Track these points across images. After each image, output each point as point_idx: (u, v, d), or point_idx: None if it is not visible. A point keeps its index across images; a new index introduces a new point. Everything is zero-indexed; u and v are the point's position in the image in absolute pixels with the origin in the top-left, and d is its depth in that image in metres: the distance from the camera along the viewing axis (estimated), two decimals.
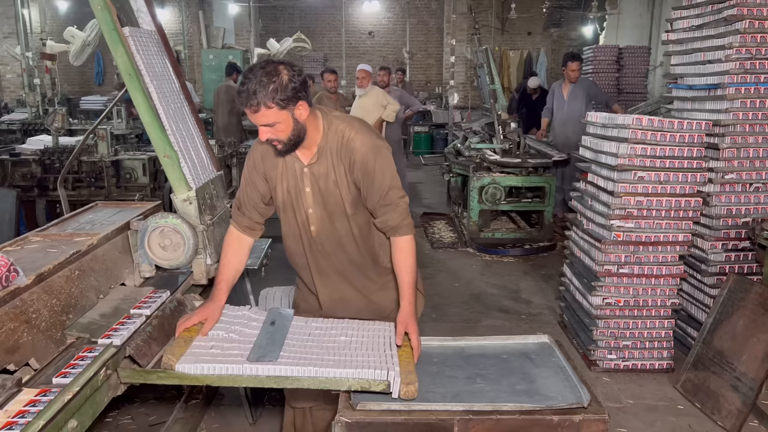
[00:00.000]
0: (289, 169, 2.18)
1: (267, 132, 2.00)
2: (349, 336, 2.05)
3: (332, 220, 2.21)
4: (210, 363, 1.81)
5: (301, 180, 2.17)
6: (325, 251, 2.26)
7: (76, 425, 1.58)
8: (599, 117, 3.89)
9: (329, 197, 2.17)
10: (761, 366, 3.13)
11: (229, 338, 2.00)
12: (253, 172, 2.23)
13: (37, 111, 8.27)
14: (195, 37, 13.47)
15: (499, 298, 5.06)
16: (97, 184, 5.52)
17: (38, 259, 2.04)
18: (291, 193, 2.20)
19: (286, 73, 1.95)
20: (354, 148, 2.10)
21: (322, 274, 2.31)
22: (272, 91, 1.92)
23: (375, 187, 2.11)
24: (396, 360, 1.85)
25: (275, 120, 1.97)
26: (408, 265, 2.15)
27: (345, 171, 2.13)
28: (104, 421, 3.11)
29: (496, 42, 14.83)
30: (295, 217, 2.23)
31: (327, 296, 2.33)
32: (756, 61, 3.50)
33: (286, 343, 1.98)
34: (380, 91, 7.03)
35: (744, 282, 3.45)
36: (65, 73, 14.09)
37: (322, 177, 2.15)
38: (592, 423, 1.67)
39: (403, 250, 2.16)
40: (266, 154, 2.19)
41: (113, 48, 2.33)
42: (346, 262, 2.28)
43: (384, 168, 2.12)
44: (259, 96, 1.91)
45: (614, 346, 3.72)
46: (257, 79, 1.91)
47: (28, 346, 1.71)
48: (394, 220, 2.14)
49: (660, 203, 3.53)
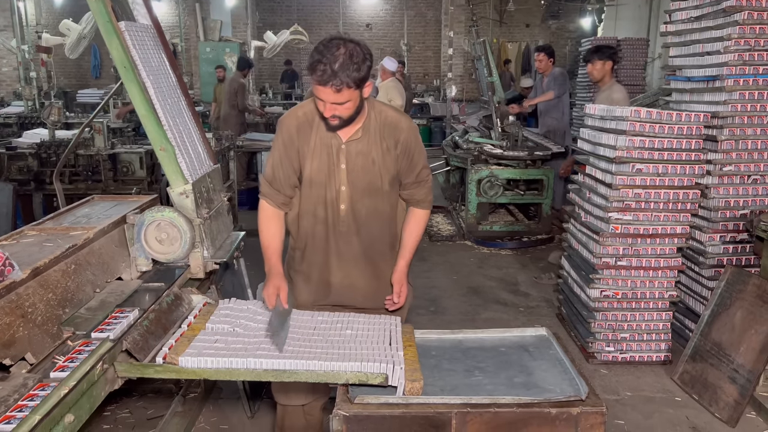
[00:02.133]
0: (324, 145, 2.20)
1: (335, 109, 2.04)
2: (354, 330, 2.05)
3: (364, 198, 2.24)
4: (213, 357, 1.80)
5: (337, 156, 2.20)
6: (349, 232, 2.28)
7: (73, 419, 1.57)
8: (597, 109, 3.87)
9: (366, 174, 2.22)
10: (759, 357, 3.13)
11: (234, 332, 1.99)
12: (289, 146, 2.23)
13: (34, 104, 8.23)
14: (192, 30, 13.40)
15: (497, 290, 5.06)
16: (94, 177, 5.49)
17: (34, 253, 2.03)
18: (323, 170, 2.22)
19: (363, 53, 2.01)
20: (401, 128, 2.22)
21: (340, 257, 2.31)
22: (355, 71, 1.98)
23: (413, 166, 2.28)
24: (400, 355, 1.84)
25: (349, 98, 2.02)
26: (417, 233, 2.37)
27: (387, 148, 2.21)
28: (102, 414, 3.11)
29: (494, 34, 14.81)
30: (325, 194, 2.24)
31: (339, 281, 2.34)
32: (755, 52, 3.49)
33: (290, 337, 1.97)
34: (392, 84, 7.12)
35: (742, 274, 3.45)
36: (61, 66, 14.04)
37: (361, 154, 2.20)
38: (590, 415, 1.67)
39: (418, 219, 2.37)
40: (302, 128, 2.21)
41: (108, 40, 2.31)
42: (368, 244, 2.31)
43: (422, 148, 2.32)
44: (342, 76, 1.96)
45: (612, 339, 3.73)
46: (341, 59, 1.96)
47: (24, 341, 1.70)
48: (420, 194, 2.34)
49: (658, 195, 3.53)
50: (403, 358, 1.83)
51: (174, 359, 1.80)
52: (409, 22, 15.68)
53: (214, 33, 11.25)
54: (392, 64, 7.29)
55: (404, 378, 1.74)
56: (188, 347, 1.85)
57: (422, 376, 1.76)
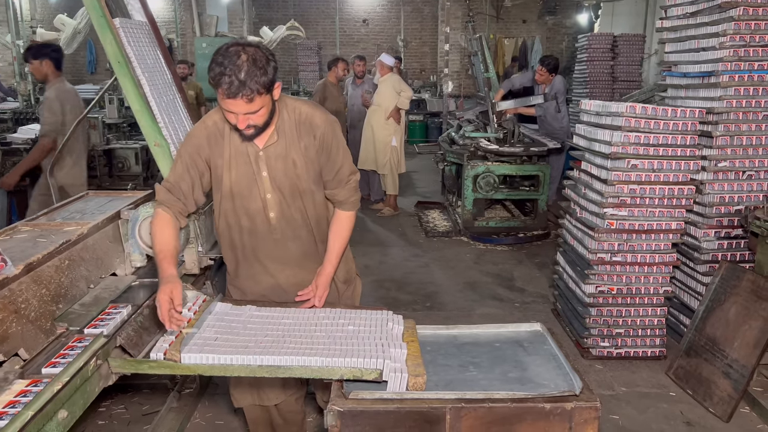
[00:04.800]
0: (240, 155, 2.11)
1: (248, 119, 1.95)
2: (357, 325, 2.04)
3: (291, 202, 2.17)
4: (213, 353, 1.80)
5: (256, 164, 2.12)
6: (284, 238, 2.22)
7: (67, 415, 1.57)
8: (593, 105, 3.87)
9: (289, 178, 2.14)
10: (752, 353, 3.14)
11: (234, 330, 1.98)
12: (197, 156, 2.12)
13: (29, 100, 8.19)
14: (188, 25, 13.36)
15: (492, 286, 5.07)
16: (89, 173, 5.47)
17: (27, 248, 2.03)
18: (243, 180, 2.13)
19: (265, 55, 1.91)
20: (316, 124, 2.13)
21: (278, 261, 2.26)
22: (263, 76, 1.88)
23: (330, 163, 2.18)
24: (394, 351, 1.84)
25: (261, 105, 1.93)
26: (342, 237, 2.26)
27: (306, 147, 2.12)
28: (97, 410, 3.11)
29: (491, 30, 14.79)
30: (250, 205, 2.16)
31: (285, 280, 2.29)
32: (750, 48, 3.49)
33: (292, 333, 1.96)
34: (396, 77, 7.16)
35: (736, 269, 3.46)
36: None
37: (281, 157, 2.12)
38: (584, 410, 1.68)
39: (342, 222, 2.27)
40: (212, 138, 2.11)
41: (102, 35, 2.31)
42: (307, 245, 2.26)
43: (339, 144, 2.19)
44: (251, 85, 1.86)
45: (607, 334, 3.74)
46: (246, 67, 1.85)
47: (17, 337, 1.70)
48: (342, 195, 2.24)
49: (653, 191, 3.53)
50: (403, 354, 1.83)
51: (174, 356, 1.79)
52: (405, 17, 15.64)
53: (210, 28, 11.19)
54: (389, 59, 7.32)
55: (406, 373, 1.73)
56: (189, 344, 1.84)
57: (425, 371, 1.76)
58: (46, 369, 1.64)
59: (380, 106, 7.19)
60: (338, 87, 7.57)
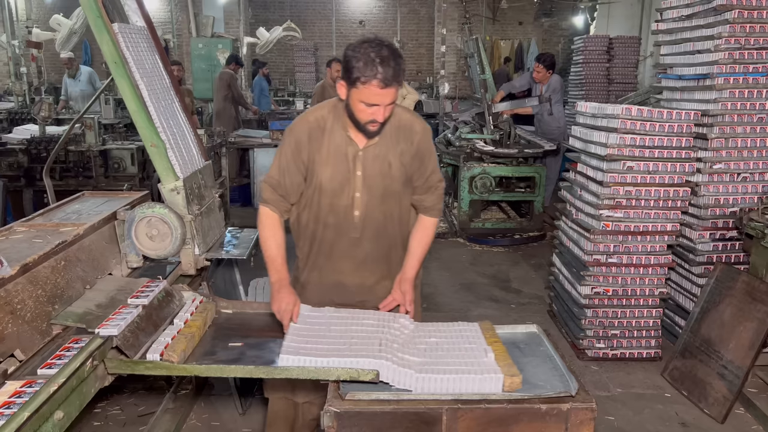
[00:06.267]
0: (339, 153, 2.15)
1: (387, 110, 2.00)
2: (438, 337, 2.01)
3: (379, 203, 2.20)
4: (308, 356, 1.80)
5: (353, 163, 2.15)
6: (362, 238, 2.24)
7: (63, 416, 1.57)
8: (589, 107, 3.89)
9: (382, 179, 2.17)
10: (747, 354, 3.16)
11: (319, 332, 1.98)
12: (298, 153, 2.17)
13: (24, 100, 8.17)
14: (184, 26, 13.31)
15: (489, 287, 5.07)
16: (85, 173, 5.46)
17: (23, 249, 2.02)
18: (338, 178, 2.16)
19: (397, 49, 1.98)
20: (415, 130, 2.18)
21: (351, 260, 2.28)
22: (403, 65, 1.96)
23: (423, 168, 2.22)
24: (488, 354, 1.84)
25: (396, 97, 1.99)
26: (425, 243, 2.29)
27: (402, 151, 2.16)
28: (93, 411, 3.10)
29: (487, 31, 14.80)
30: (338, 202, 2.19)
31: (351, 281, 2.30)
32: (745, 51, 3.51)
33: (378, 337, 1.94)
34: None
35: (731, 271, 3.47)
36: (52, 62, 13.91)
37: (378, 159, 2.15)
38: (580, 411, 1.68)
39: (426, 228, 2.30)
40: (313, 134, 2.15)
41: (98, 35, 2.29)
42: (383, 247, 2.28)
43: (432, 151, 2.27)
44: (400, 74, 1.94)
45: (603, 335, 3.75)
46: (392, 57, 1.92)
47: (13, 337, 1.69)
48: (429, 201, 2.28)
49: (649, 193, 3.55)
50: (491, 356, 1.83)
51: (171, 357, 1.79)
52: (402, 19, 15.64)
53: (207, 29, 11.17)
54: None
55: (501, 374, 1.72)
56: (284, 347, 1.83)
57: (519, 371, 1.76)
58: (42, 370, 1.63)
59: None
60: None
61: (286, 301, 2.04)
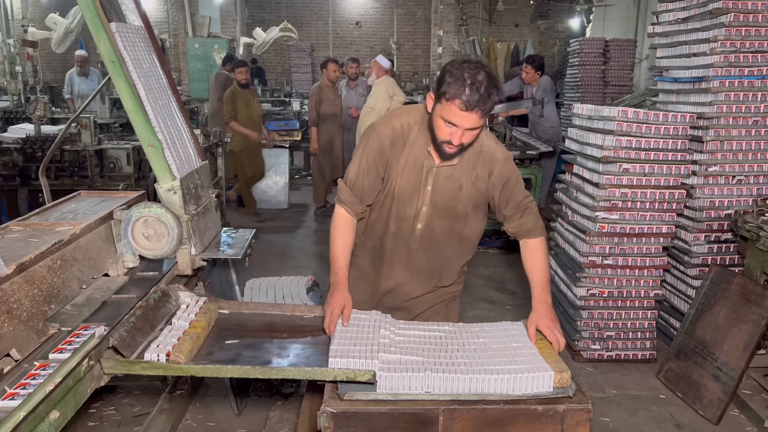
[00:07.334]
0: (415, 165, 2.14)
1: (466, 135, 1.95)
2: (486, 338, 2.04)
3: (443, 221, 2.20)
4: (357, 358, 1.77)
5: (426, 177, 2.14)
6: (419, 249, 2.24)
7: (59, 416, 1.56)
8: (585, 109, 3.90)
9: (449, 198, 2.16)
10: (742, 356, 3.17)
11: (367, 336, 1.97)
12: (379, 157, 2.16)
13: (19, 99, 8.14)
14: (180, 26, 13.30)
15: (484, 288, 5.08)
16: (81, 173, 5.43)
17: (19, 248, 2.01)
18: (408, 189, 2.16)
19: (496, 77, 1.92)
20: (497, 159, 2.14)
21: (404, 267, 2.29)
22: (496, 95, 1.90)
23: (513, 196, 2.18)
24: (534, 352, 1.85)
25: (482, 124, 1.94)
26: (541, 265, 2.21)
27: (478, 176, 2.14)
28: (88, 412, 3.09)
29: (484, 33, 14.82)
30: (404, 211, 2.19)
31: (395, 285, 2.32)
32: (740, 54, 3.53)
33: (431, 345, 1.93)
34: (390, 81, 7.14)
35: (726, 273, 3.49)
36: (48, 61, 13.89)
37: (451, 179, 2.14)
38: (576, 413, 1.69)
39: (535, 250, 2.22)
40: (396, 141, 2.14)
41: (96, 34, 2.28)
42: (437, 262, 2.28)
43: (519, 176, 2.20)
44: (489, 102, 1.88)
45: (598, 337, 3.76)
46: (486, 83, 1.87)
47: (8, 337, 1.69)
48: (529, 223, 2.20)
49: (644, 195, 3.56)
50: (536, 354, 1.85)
51: (178, 357, 1.78)
52: (398, 20, 15.66)
53: (203, 29, 11.16)
54: (386, 61, 7.31)
55: (551, 371, 1.74)
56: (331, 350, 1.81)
57: (567, 367, 1.77)
58: (53, 354, 1.63)
59: (373, 109, 7.18)
60: (334, 89, 7.54)
61: (338, 303, 2.02)
